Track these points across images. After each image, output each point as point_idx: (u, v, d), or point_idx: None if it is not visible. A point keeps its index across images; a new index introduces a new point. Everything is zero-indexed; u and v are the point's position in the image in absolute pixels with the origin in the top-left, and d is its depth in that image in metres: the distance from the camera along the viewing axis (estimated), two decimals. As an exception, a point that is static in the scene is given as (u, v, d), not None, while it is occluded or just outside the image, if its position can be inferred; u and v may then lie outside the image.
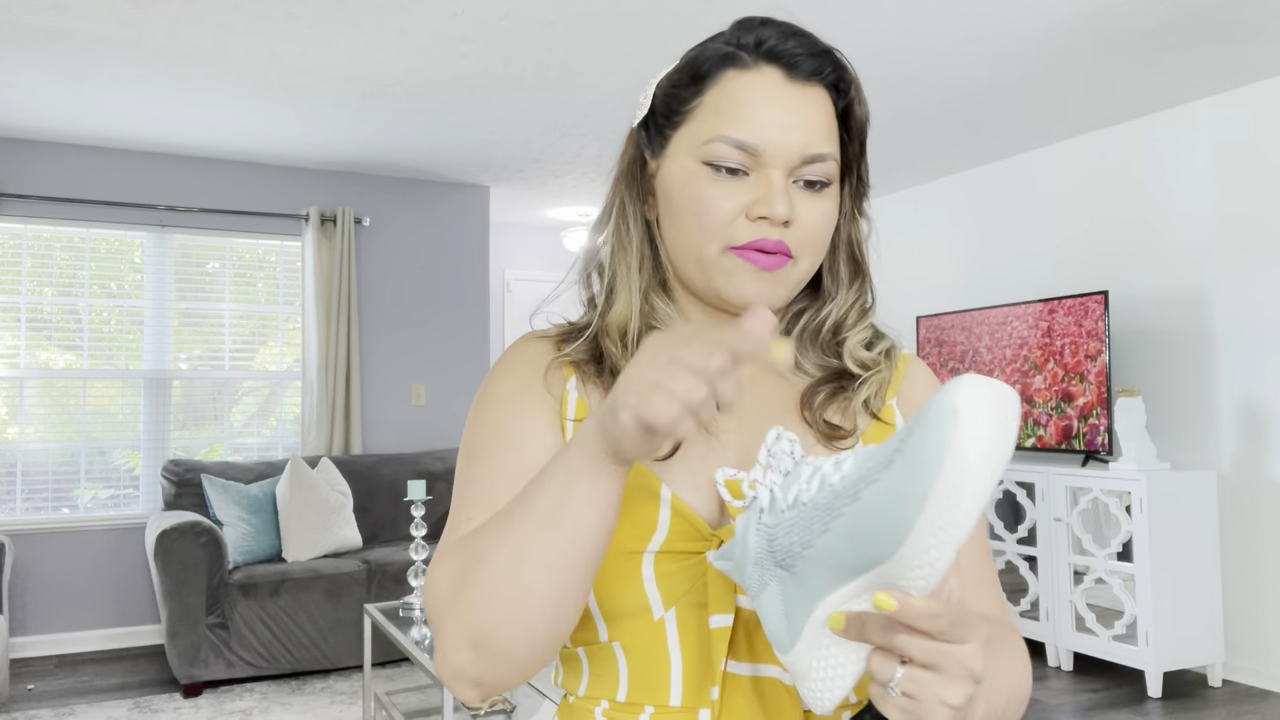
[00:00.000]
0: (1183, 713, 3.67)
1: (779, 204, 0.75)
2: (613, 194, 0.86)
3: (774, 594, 0.62)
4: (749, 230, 0.76)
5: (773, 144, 0.76)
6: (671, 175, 0.80)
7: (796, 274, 0.79)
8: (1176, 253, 4.32)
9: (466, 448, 0.82)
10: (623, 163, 0.86)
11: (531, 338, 0.87)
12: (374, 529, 4.80)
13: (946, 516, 0.53)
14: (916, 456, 0.53)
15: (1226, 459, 4.10)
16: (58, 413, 4.77)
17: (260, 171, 5.16)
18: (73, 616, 4.65)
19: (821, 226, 0.79)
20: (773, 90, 0.77)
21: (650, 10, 3.24)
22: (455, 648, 0.69)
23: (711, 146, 0.77)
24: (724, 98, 0.77)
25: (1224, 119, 4.14)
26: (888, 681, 0.58)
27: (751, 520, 0.63)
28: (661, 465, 0.78)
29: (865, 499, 0.56)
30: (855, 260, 0.87)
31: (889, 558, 0.55)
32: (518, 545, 0.67)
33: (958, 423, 0.53)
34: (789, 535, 0.60)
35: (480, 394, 0.85)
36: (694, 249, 0.79)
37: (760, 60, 0.77)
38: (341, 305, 5.16)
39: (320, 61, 3.70)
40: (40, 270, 4.76)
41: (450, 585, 0.70)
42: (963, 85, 4.00)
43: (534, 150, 4.98)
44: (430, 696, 3.60)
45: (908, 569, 0.55)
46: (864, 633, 0.59)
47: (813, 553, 0.59)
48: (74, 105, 4.18)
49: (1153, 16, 3.32)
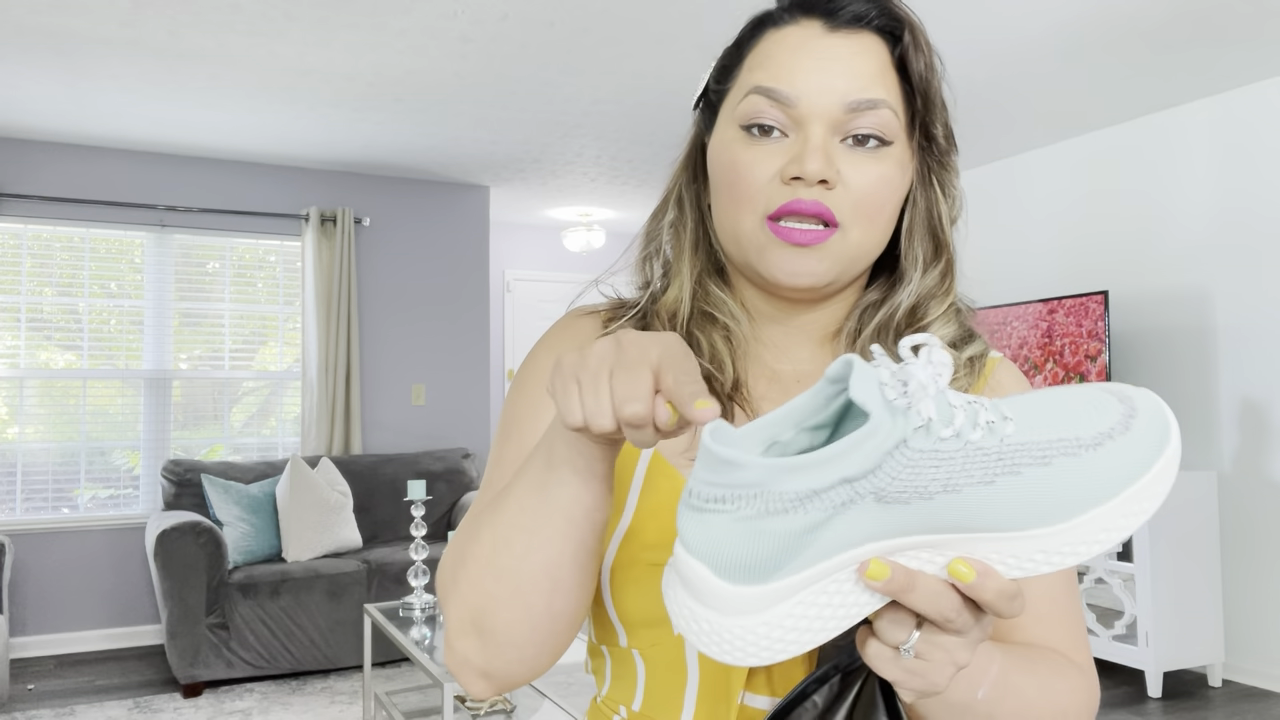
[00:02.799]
0: (1183, 713, 3.67)
1: (812, 160, 0.67)
2: (673, 180, 0.82)
3: (797, 519, 0.50)
4: (782, 194, 0.69)
5: (809, 92, 0.68)
6: (716, 149, 0.75)
7: (846, 246, 0.70)
8: (1176, 253, 4.32)
9: (502, 422, 0.79)
10: (684, 148, 0.82)
11: (579, 314, 0.83)
12: (374, 529, 4.80)
13: (1123, 518, 0.50)
14: (1130, 449, 0.50)
15: (1227, 459, 4.10)
16: (58, 413, 4.77)
17: (260, 171, 5.16)
18: (73, 616, 4.65)
19: (877, 190, 0.70)
20: (811, 40, 0.70)
21: (650, 10, 3.24)
22: (459, 633, 0.67)
23: (745, 104, 0.71)
24: (760, 55, 0.72)
25: (1223, 119, 4.14)
26: (901, 644, 0.53)
27: (885, 429, 0.50)
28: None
29: (1056, 467, 0.50)
30: (935, 238, 0.76)
31: (1028, 529, 0.51)
32: (508, 517, 0.64)
33: (1170, 434, 0.51)
34: (936, 470, 0.50)
35: (521, 369, 0.81)
36: (731, 223, 0.73)
37: (798, 13, 0.72)
38: (341, 305, 5.16)
39: (320, 61, 3.70)
40: (40, 270, 4.76)
41: (451, 567, 0.68)
42: (962, 85, 4.00)
43: (534, 150, 4.98)
44: (430, 696, 3.60)
45: (1036, 549, 0.51)
46: (908, 590, 0.51)
47: (950, 498, 0.50)
48: (74, 105, 4.18)
49: (1153, 16, 3.32)
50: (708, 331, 0.77)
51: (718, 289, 0.78)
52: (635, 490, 0.75)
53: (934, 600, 0.51)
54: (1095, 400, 0.53)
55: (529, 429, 0.76)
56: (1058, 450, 0.50)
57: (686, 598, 0.53)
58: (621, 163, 5.21)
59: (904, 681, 0.54)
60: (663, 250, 0.81)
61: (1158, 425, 0.51)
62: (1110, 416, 0.52)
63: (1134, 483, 0.50)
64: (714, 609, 0.52)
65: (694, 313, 0.77)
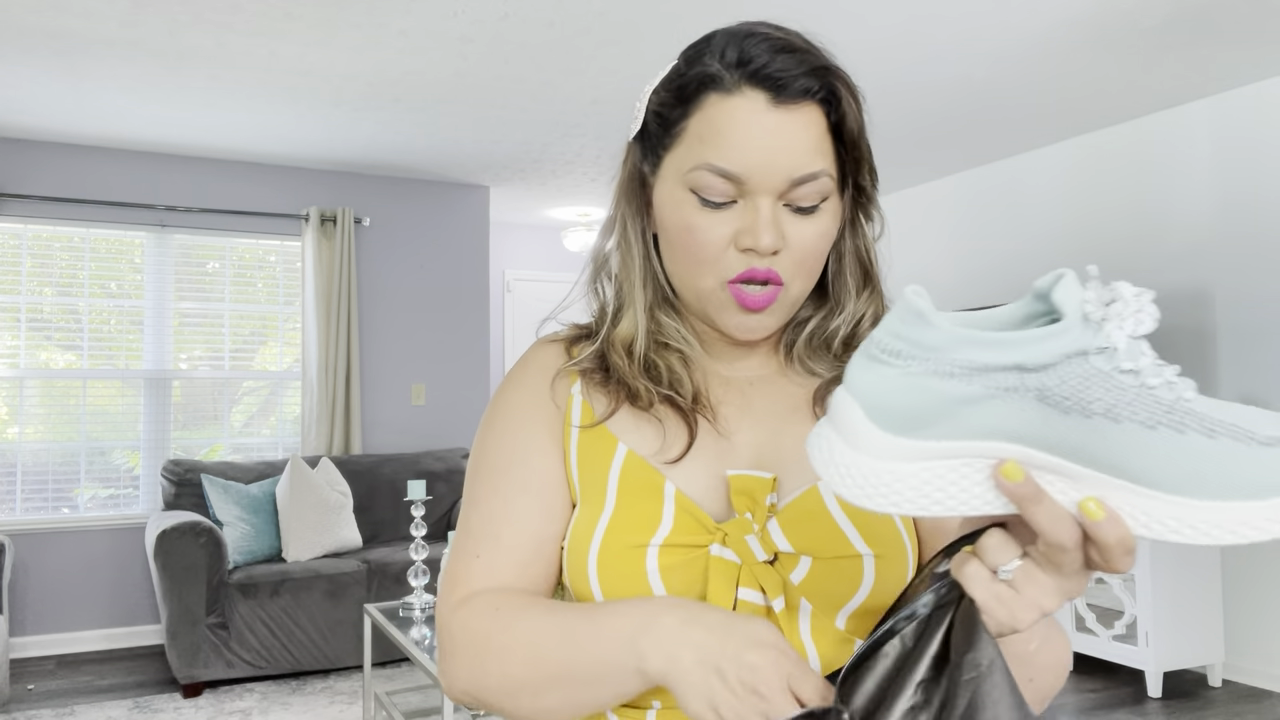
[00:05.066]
0: (1183, 713, 3.67)
1: (765, 235, 0.73)
2: (615, 206, 0.85)
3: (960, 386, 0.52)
4: (739, 261, 0.75)
5: (758, 171, 0.73)
6: (663, 200, 0.79)
7: (789, 298, 0.79)
8: (1176, 252, 4.32)
9: (478, 459, 0.84)
10: (623, 174, 0.85)
11: (544, 344, 0.89)
12: (374, 529, 4.80)
13: (1269, 522, 0.50)
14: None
15: (1226, 459, 4.10)
16: (58, 413, 4.77)
17: (260, 171, 5.16)
18: (73, 616, 4.65)
19: (814, 245, 0.77)
20: (757, 116, 0.73)
21: (650, 10, 3.24)
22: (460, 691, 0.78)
23: (696, 175, 0.75)
24: (707, 124, 0.75)
25: (1223, 119, 4.14)
26: (1001, 565, 0.54)
27: (1074, 334, 0.51)
28: (667, 465, 0.79)
29: (1221, 445, 0.50)
30: (864, 268, 0.85)
31: (1171, 493, 0.51)
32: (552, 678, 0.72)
33: None
34: (1106, 393, 0.51)
35: (494, 402, 0.87)
36: (690, 279, 0.79)
37: (744, 82, 0.74)
38: (341, 305, 5.16)
39: (320, 61, 3.70)
40: (40, 270, 4.76)
41: (474, 657, 0.76)
42: (962, 85, 4.00)
43: (534, 150, 4.98)
44: (430, 696, 3.60)
45: (1171, 515, 0.51)
46: (1033, 502, 0.52)
47: (1108, 425, 0.51)
48: (74, 105, 4.18)
49: (1153, 16, 3.32)
50: (664, 357, 0.83)
51: (669, 319, 0.84)
52: (613, 483, 0.79)
53: (1053, 522, 0.52)
54: (1275, 416, 0.53)
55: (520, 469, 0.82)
56: (1227, 433, 0.51)
57: (830, 432, 0.56)
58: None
59: (990, 608, 0.55)
60: (609, 274, 0.86)
61: None
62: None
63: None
64: (854, 447, 0.55)
65: (650, 343, 0.83)
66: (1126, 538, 0.52)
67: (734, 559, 0.75)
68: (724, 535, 0.75)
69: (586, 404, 0.83)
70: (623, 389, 0.82)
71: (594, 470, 0.80)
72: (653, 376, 0.82)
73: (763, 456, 0.80)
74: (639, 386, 0.81)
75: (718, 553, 0.75)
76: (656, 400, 0.81)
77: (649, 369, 0.82)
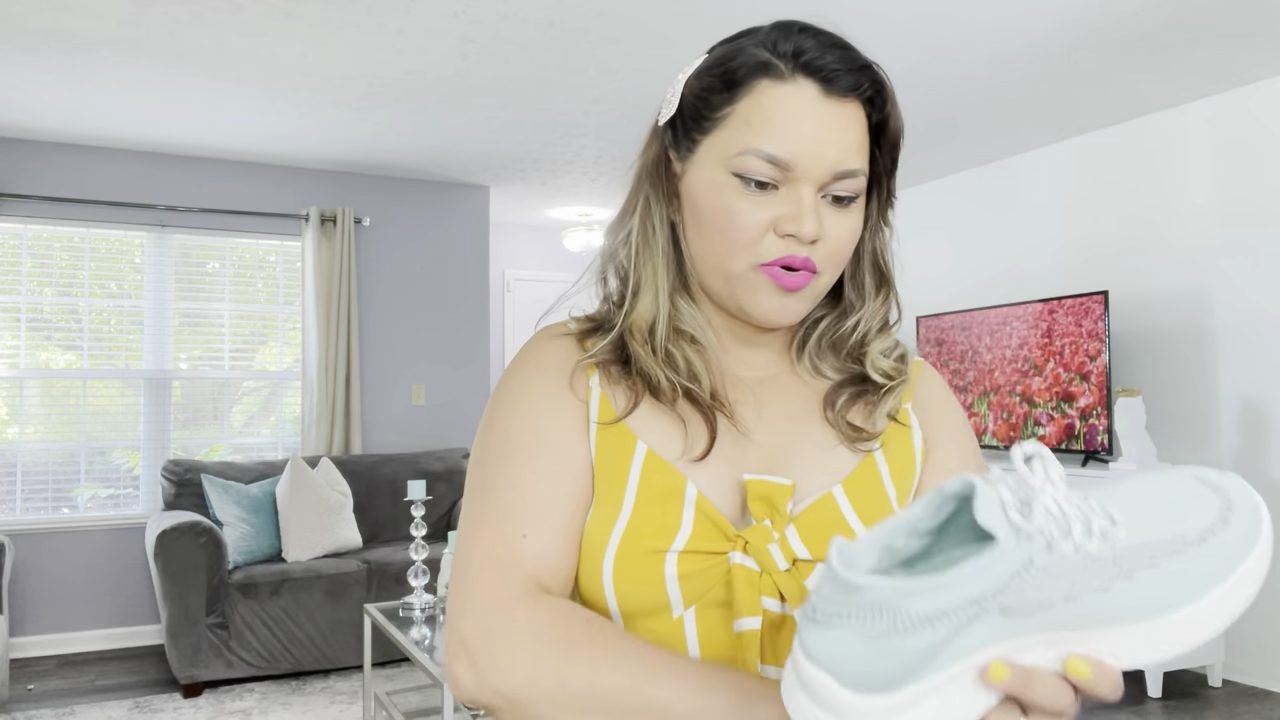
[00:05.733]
0: (1183, 713, 3.68)
1: (808, 222, 0.74)
2: (635, 192, 0.85)
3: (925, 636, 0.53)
4: (777, 246, 0.76)
5: (805, 159, 0.74)
6: (699, 184, 0.79)
7: (818, 288, 0.80)
8: (1176, 253, 4.32)
9: (496, 444, 0.79)
10: (646, 159, 0.84)
11: (551, 334, 0.85)
12: (374, 529, 4.81)
13: (1231, 600, 0.54)
14: (1232, 542, 0.54)
15: (1227, 459, 4.10)
16: (58, 413, 4.77)
17: (260, 171, 5.17)
18: (73, 616, 4.65)
19: (847, 241, 0.78)
20: (809, 105, 0.75)
21: (650, 10, 3.24)
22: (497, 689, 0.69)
23: (743, 159, 0.75)
24: (757, 109, 0.75)
25: (1223, 119, 4.14)
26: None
27: (1012, 552, 0.53)
28: (687, 465, 0.78)
29: (1165, 569, 0.54)
30: (880, 271, 0.86)
31: (1138, 623, 0.54)
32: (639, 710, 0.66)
33: (1263, 521, 0.55)
34: (1059, 582, 0.53)
35: (504, 390, 0.82)
36: (720, 262, 0.78)
37: (798, 72, 0.75)
38: (341, 305, 5.16)
39: (320, 62, 3.70)
40: (40, 270, 4.76)
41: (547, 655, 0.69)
42: (962, 85, 4.00)
43: (534, 150, 4.98)
44: (430, 696, 3.60)
45: (1144, 641, 0.54)
46: (1026, 688, 0.54)
47: (1070, 604, 0.53)
48: (75, 105, 4.19)
49: (1153, 16, 3.32)
50: (682, 347, 0.82)
51: (687, 306, 0.83)
52: (632, 484, 0.77)
53: (1051, 695, 0.55)
54: (1192, 493, 0.57)
55: (566, 455, 0.78)
56: (1166, 551, 0.54)
57: (810, 704, 0.56)
58: (621, 163, 5.21)
59: None
60: (626, 265, 0.84)
61: (1251, 515, 0.56)
62: (1210, 511, 0.55)
63: (1240, 565, 0.54)
64: (840, 715, 0.55)
65: (669, 329, 0.82)
66: (1116, 679, 0.55)
67: (755, 567, 0.74)
68: (745, 543, 0.74)
69: (605, 398, 0.81)
70: (643, 382, 0.80)
71: (612, 469, 0.78)
72: (672, 368, 0.80)
73: (776, 459, 0.80)
74: (660, 377, 0.79)
75: (739, 560, 0.74)
76: (679, 394, 0.79)
77: (668, 359, 0.81)
